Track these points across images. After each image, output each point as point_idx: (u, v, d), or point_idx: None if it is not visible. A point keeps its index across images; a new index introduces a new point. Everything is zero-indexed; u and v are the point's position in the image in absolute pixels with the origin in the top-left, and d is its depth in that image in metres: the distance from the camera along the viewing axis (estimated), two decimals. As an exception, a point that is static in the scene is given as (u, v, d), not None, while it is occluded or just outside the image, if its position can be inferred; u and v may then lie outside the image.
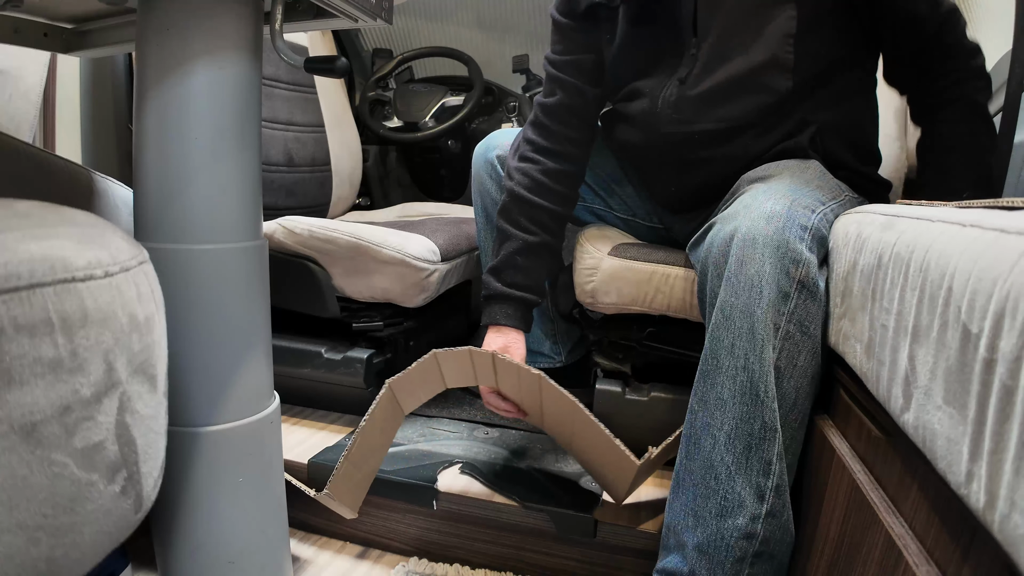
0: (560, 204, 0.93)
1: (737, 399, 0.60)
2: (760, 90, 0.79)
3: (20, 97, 1.10)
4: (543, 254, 0.93)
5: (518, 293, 0.90)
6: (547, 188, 0.92)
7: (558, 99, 0.94)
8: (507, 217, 0.93)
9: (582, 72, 0.94)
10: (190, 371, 0.57)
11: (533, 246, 0.91)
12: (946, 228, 0.39)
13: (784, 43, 0.77)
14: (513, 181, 0.93)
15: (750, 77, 0.79)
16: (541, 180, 0.92)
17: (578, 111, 0.95)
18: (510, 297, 0.91)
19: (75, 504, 0.37)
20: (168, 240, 0.56)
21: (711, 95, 0.82)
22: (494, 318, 0.90)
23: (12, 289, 0.32)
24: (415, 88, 1.70)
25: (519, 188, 0.93)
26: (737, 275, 0.61)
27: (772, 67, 0.78)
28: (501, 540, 0.89)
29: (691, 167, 0.88)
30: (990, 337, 0.31)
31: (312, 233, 1.06)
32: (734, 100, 0.81)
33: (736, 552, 0.60)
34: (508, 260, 0.91)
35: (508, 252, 0.91)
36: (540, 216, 0.92)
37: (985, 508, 0.31)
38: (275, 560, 0.67)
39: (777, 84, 0.79)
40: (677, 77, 0.85)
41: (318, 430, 1.08)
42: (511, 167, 0.95)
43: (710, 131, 0.83)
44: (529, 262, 0.92)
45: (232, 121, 0.58)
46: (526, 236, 0.91)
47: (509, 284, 0.91)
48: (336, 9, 0.62)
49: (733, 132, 0.82)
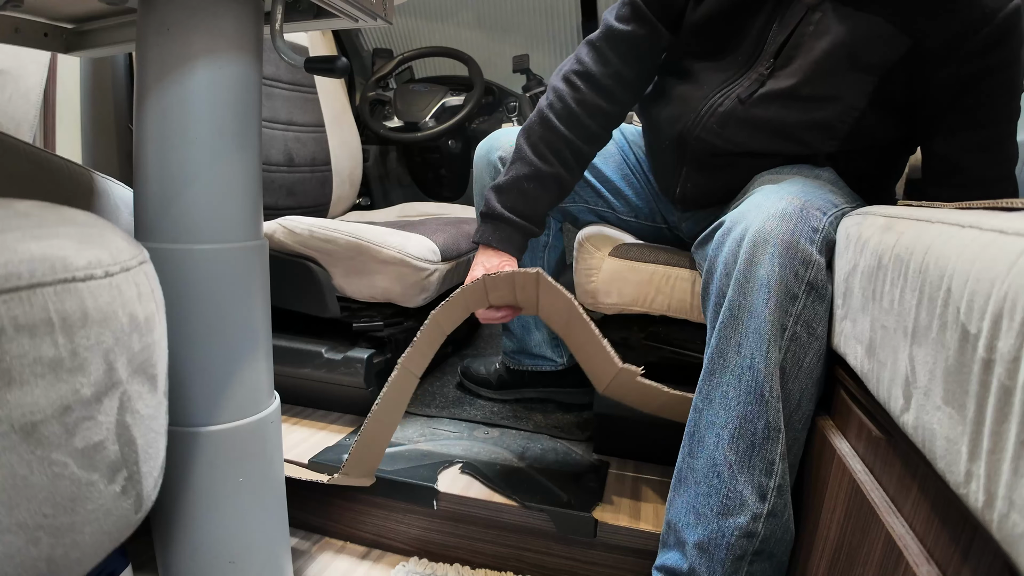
0: (587, 141, 0.88)
1: (742, 398, 0.60)
2: (803, 141, 0.78)
3: (20, 97, 1.10)
4: (552, 187, 0.88)
5: (516, 219, 0.86)
6: (578, 120, 0.87)
7: (630, 29, 0.86)
8: (527, 138, 0.88)
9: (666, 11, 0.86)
10: (190, 371, 0.57)
11: (544, 175, 0.86)
12: (945, 229, 0.39)
13: (847, 113, 0.75)
14: (547, 102, 0.88)
15: (798, 127, 0.77)
16: (574, 109, 0.87)
17: (644, 52, 0.87)
18: (508, 221, 0.87)
19: (75, 504, 0.37)
20: (168, 240, 0.56)
21: (756, 124, 0.79)
22: (486, 239, 0.87)
23: (12, 289, 0.32)
24: (415, 88, 1.70)
25: (549, 112, 0.87)
26: (746, 274, 0.61)
27: (824, 128, 0.76)
28: (501, 540, 0.89)
29: (709, 169, 0.86)
30: (988, 337, 0.31)
31: (312, 233, 1.06)
32: (775, 138, 0.79)
33: (736, 550, 0.60)
34: (514, 183, 0.87)
35: (516, 174, 0.87)
36: (561, 147, 0.87)
37: (984, 507, 0.31)
38: (275, 560, 0.67)
39: (820, 144, 0.77)
40: (737, 92, 0.80)
41: (318, 430, 1.08)
42: (552, 84, 0.90)
43: (741, 153, 0.82)
44: (536, 190, 0.87)
45: (232, 121, 0.58)
46: (540, 164, 0.86)
47: (509, 208, 0.87)
48: (336, 9, 0.62)
49: (766, 158, 0.81)
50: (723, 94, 0.81)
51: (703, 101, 0.83)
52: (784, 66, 0.77)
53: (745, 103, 0.79)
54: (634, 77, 0.88)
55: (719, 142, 0.82)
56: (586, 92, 0.87)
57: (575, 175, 0.90)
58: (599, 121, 0.88)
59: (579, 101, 0.87)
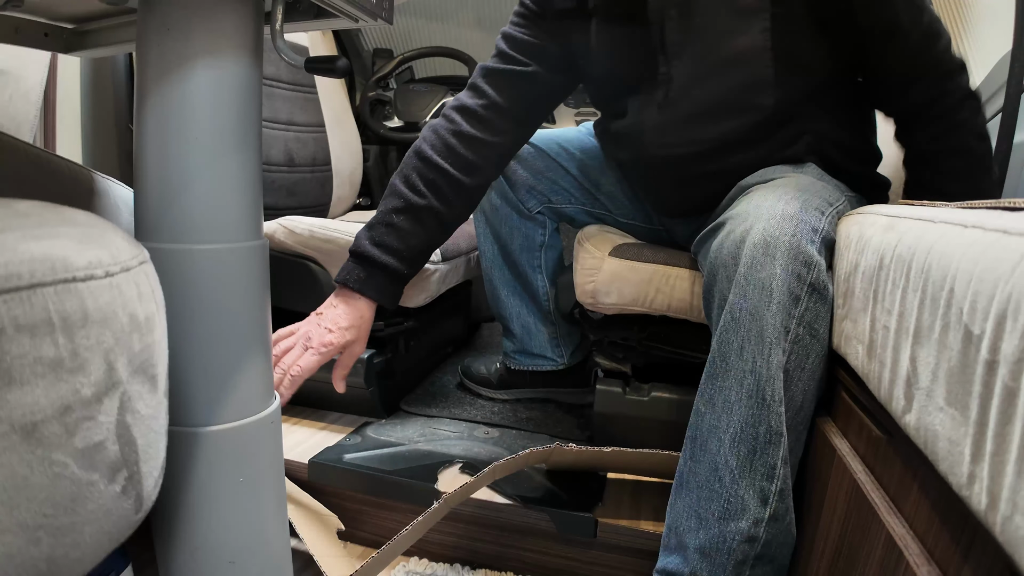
0: (463, 171, 0.83)
1: (744, 402, 0.60)
2: (743, 109, 0.77)
3: (20, 97, 1.10)
4: (427, 220, 0.82)
5: (381, 256, 0.80)
6: (452, 150, 0.83)
7: (505, 68, 0.86)
8: (399, 172, 0.84)
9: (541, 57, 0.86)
10: (190, 371, 0.57)
11: (416, 207, 0.81)
12: (948, 229, 0.39)
13: (761, 60, 0.74)
14: (422, 138, 0.85)
15: (731, 97, 0.76)
16: (448, 140, 0.84)
17: (521, 86, 0.86)
18: (370, 259, 0.80)
19: (76, 504, 0.37)
20: (168, 240, 0.56)
21: (693, 118, 0.78)
22: (343, 277, 0.80)
23: (12, 289, 0.32)
24: (415, 88, 1.70)
25: (423, 144, 0.84)
26: (747, 277, 0.60)
27: (752, 85, 0.75)
28: (501, 540, 0.89)
29: (686, 182, 0.86)
30: (992, 339, 0.31)
31: (313, 233, 1.06)
32: (718, 121, 0.78)
33: (738, 555, 0.60)
34: (382, 216, 0.82)
35: (384, 208, 0.82)
36: (434, 177, 0.82)
37: (987, 510, 0.31)
38: (275, 560, 0.67)
39: (760, 101, 0.76)
40: (655, 101, 0.81)
41: (318, 430, 1.08)
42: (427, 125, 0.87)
43: (699, 152, 0.81)
44: (407, 224, 0.81)
45: (232, 121, 0.58)
46: (411, 195, 0.81)
47: (375, 243, 0.80)
48: (336, 9, 0.62)
49: (724, 149, 0.80)
50: (646, 112, 0.82)
51: (635, 127, 0.84)
52: (677, 55, 0.77)
53: (664, 106, 0.80)
54: (514, 108, 0.86)
55: (676, 150, 0.81)
56: (461, 123, 0.85)
57: (454, 209, 0.85)
58: (477, 151, 0.85)
59: (454, 132, 0.84)
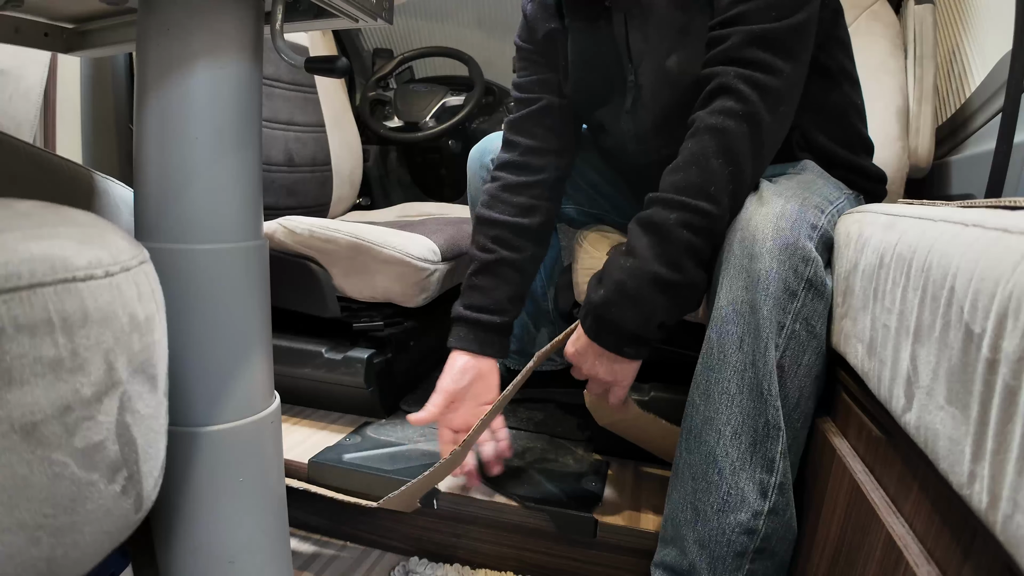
0: (520, 215, 0.89)
1: (744, 394, 0.60)
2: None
3: (20, 97, 1.10)
4: (504, 272, 0.89)
5: (473, 315, 0.88)
6: (504, 202, 0.90)
7: (523, 113, 0.93)
8: (471, 242, 0.92)
9: (547, 87, 0.92)
10: (190, 371, 0.57)
11: (489, 264, 0.88)
12: (948, 228, 0.39)
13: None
14: (479, 204, 0.92)
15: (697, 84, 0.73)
16: (499, 195, 0.90)
17: (542, 121, 0.92)
18: (466, 320, 0.88)
19: (76, 504, 0.37)
20: (168, 240, 0.56)
21: (667, 123, 0.78)
22: (450, 342, 0.89)
23: (12, 289, 0.32)
24: (415, 88, 1.70)
25: (479, 208, 0.91)
26: (745, 271, 0.61)
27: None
28: (501, 540, 0.89)
29: None
30: (993, 337, 0.31)
31: (313, 233, 1.06)
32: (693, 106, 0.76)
33: (737, 547, 0.60)
34: (467, 283, 0.90)
35: (468, 274, 0.90)
36: (497, 232, 0.89)
37: (988, 509, 0.31)
38: (275, 560, 0.67)
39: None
40: (626, 109, 0.82)
41: (318, 430, 1.08)
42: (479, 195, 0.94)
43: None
44: (488, 281, 0.89)
45: (232, 121, 0.58)
46: (483, 255, 0.89)
47: (467, 306, 0.89)
48: (336, 9, 0.62)
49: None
50: (624, 121, 0.83)
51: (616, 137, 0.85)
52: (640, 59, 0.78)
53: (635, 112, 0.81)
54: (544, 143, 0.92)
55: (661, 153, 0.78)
56: (506, 176, 0.91)
57: (526, 251, 0.90)
58: (529, 193, 0.90)
59: (502, 186, 0.91)
